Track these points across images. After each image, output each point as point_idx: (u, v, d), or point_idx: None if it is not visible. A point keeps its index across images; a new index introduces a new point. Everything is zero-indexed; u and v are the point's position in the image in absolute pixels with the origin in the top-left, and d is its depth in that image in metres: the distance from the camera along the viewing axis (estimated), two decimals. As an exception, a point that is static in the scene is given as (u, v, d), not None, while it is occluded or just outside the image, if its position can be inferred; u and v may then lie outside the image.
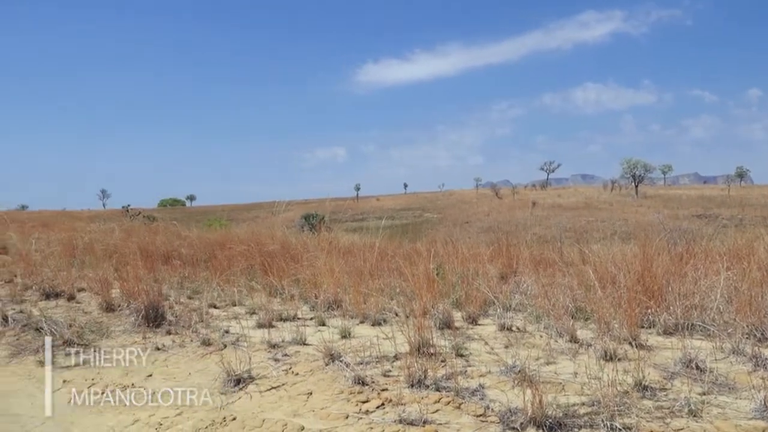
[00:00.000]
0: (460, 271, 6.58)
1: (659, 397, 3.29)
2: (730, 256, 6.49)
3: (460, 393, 3.48)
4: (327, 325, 5.32)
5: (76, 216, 31.35)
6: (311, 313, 5.87)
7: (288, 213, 32.84)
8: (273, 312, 5.55)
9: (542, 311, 5.07)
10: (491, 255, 7.81)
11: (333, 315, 5.70)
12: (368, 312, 5.45)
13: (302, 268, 6.94)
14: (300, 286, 6.61)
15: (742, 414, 3.02)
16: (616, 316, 4.46)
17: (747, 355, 3.84)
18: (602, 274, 5.48)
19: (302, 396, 3.67)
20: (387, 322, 5.33)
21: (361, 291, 5.76)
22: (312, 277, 6.55)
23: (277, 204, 13.29)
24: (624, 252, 6.66)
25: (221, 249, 8.74)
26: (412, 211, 67.73)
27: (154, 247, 9.37)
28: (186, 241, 10.08)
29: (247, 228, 12.61)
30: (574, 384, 3.57)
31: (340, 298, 5.98)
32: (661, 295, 4.92)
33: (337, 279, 6.27)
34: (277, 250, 8.16)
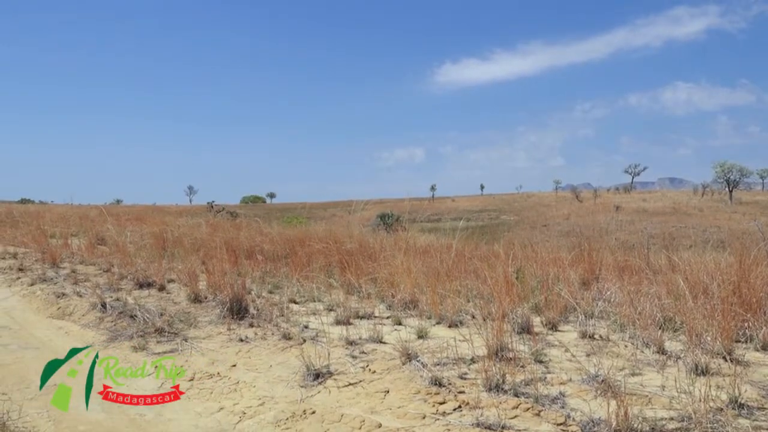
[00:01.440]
0: (540, 275, 6.43)
1: (757, 417, 3.08)
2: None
3: (540, 400, 3.41)
4: (403, 325, 5.35)
5: (165, 210, 33.13)
6: (388, 312, 5.92)
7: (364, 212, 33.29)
8: (351, 309, 5.64)
9: (627, 320, 4.87)
10: (572, 260, 7.58)
11: (409, 315, 5.72)
12: (445, 313, 5.43)
13: (379, 267, 7.01)
14: (377, 285, 6.68)
15: None
16: (709, 328, 4.22)
17: None
18: (693, 284, 5.21)
19: (379, 394, 3.70)
20: (464, 324, 5.29)
21: (438, 292, 5.75)
22: (389, 276, 6.60)
23: (354, 203, 13.47)
24: (717, 261, 6.29)
25: (301, 246, 8.97)
26: (488, 212, 66.81)
27: (238, 242, 9.75)
28: (267, 237, 10.42)
29: (325, 226, 12.87)
30: (662, 397, 3.41)
31: (417, 298, 5.99)
32: (760, 308, 4.61)
33: (414, 279, 6.28)
34: (355, 248, 8.28)
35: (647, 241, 9.26)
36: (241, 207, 66.38)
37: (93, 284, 7.12)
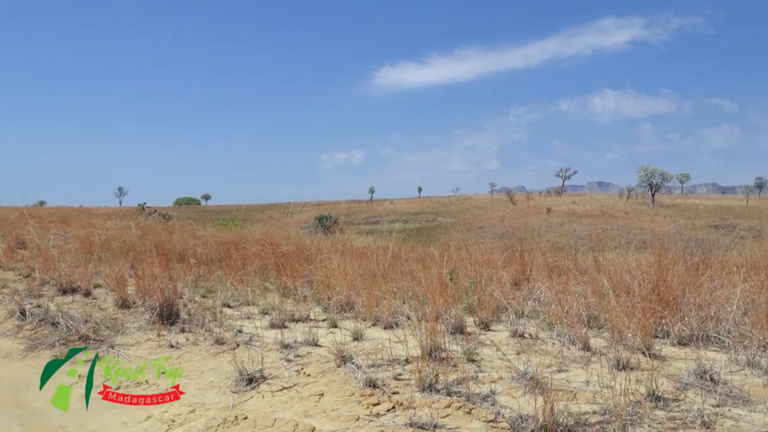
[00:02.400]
0: (473, 276, 6.57)
1: (672, 408, 3.26)
2: (747, 267, 6.43)
3: (471, 398, 3.48)
4: (339, 327, 5.34)
5: (93, 213, 31.76)
6: (324, 314, 5.90)
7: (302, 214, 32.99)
8: (286, 312, 5.59)
9: (555, 318, 5.05)
10: (505, 261, 7.79)
11: (345, 317, 5.72)
12: (381, 315, 5.46)
13: (316, 269, 6.98)
14: (313, 288, 6.65)
15: (755, 427, 3.00)
16: (630, 325, 4.43)
17: (762, 368, 3.80)
18: (617, 283, 5.46)
19: (314, 397, 3.69)
20: (399, 325, 5.34)
21: (374, 294, 5.78)
22: (325, 278, 6.58)
23: (292, 205, 13.35)
24: (639, 261, 6.61)
25: (236, 249, 8.81)
26: (426, 215, 67.64)
27: (170, 245, 9.47)
28: (201, 240, 10.16)
29: (262, 228, 12.69)
30: (586, 392, 3.55)
31: (353, 300, 6.00)
32: (676, 305, 4.88)
33: (350, 281, 6.29)
34: (291, 251, 8.21)
35: (576, 242, 9.64)
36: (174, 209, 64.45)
37: (11, 290, 6.74)
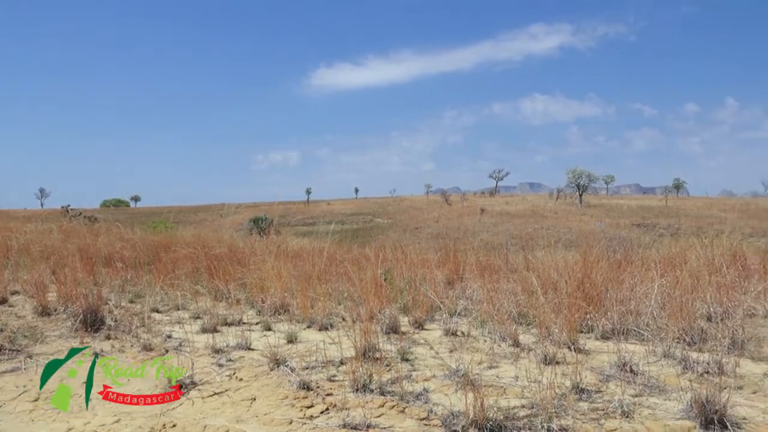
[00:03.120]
0: (408, 276, 6.64)
1: (594, 399, 3.41)
2: (664, 264, 6.80)
3: (405, 397, 3.52)
4: (273, 330, 5.27)
5: (11, 215, 29.96)
6: (257, 317, 5.81)
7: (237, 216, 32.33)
8: (218, 316, 5.47)
9: (487, 316, 5.17)
10: (439, 261, 7.91)
11: (280, 320, 5.65)
12: (315, 317, 5.43)
13: (249, 271, 6.86)
14: (246, 291, 6.53)
15: (670, 414, 3.17)
16: (557, 321, 4.60)
17: (677, 358, 4.02)
18: (545, 281, 5.64)
19: (246, 401, 3.62)
20: (334, 326, 5.33)
21: (309, 295, 5.74)
22: (259, 281, 6.48)
23: (225, 206, 13.05)
24: (566, 259, 6.87)
25: (166, 252, 8.54)
26: (363, 216, 67.78)
27: (95, 248, 9.08)
28: (129, 243, 9.80)
29: (194, 230, 12.36)
30: (515, 387, 3.66)
31: (288, 302, 5.94)
32: (600, 301, 5.10)
33: (285, 283, 6.22)
34: (224, 253, 8.04)
35: (507, 241, 9.91)
36: (101, 211, 61.82)
37: None
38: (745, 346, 4.29)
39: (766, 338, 4.50)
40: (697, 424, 2.99)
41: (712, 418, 2.97)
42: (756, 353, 4.19)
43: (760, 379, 3.70)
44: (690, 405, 3.11)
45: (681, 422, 3.06)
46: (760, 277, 5.82)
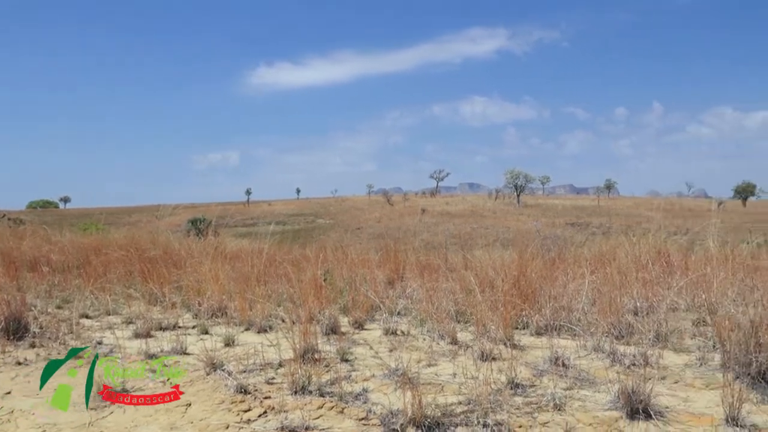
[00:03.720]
0: (349, 276, 6.63)
1: (529, 393, 3.51)
2: (595, 261, 7.06)
3: (344, 397, 3.51)
4: (210, 334, 5.16)
5: (-74, 218, 28.06)
6: (194, 321, 5.67)
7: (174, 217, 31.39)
8: (152, 321, 5.30)
9: (426, 315, 5.23)
10: (380, 261, 7.95)
11: (217, 323, 5.53)
12: (254, 319, 5.35)
13: (186, 274, 6.68)
14: (182, 294, 6.36)
15: (599, 406, 3.30)
16: (494, 318, 4.70)
17: (606, 351, 4.19)
18: (482, 279, 5.76)
19: (180, 408, 3.53)
20: (273, 328, 5.26)
21: (247, 297, 5.65)
22: (195, 283, 6.32)
23: (161, 208, 12.67)
24: (503, 258, 7.03)
25: (96, 255, 8.22)
26: (305, 216, 67.25)
27: (19, 252, 8.63)
28: (57, 246, 9.36)
29: (127, 232, 11.94)
30: (453, 384, 3.72)
31: (225, 305, 5.82)
32: (535, 298, 5.25)
33: (222, 285, 6.10)
34: (159, 255, 7.80)
35: (447, 241, 10.06)
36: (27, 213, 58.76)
37: None
38: (669, 339, 4.50)
39: (687, 330, 4.75)
40: (624, 414, 3.13)
41: (637, 407, 3.11)
42: (678, 345, 4.41)
43: (681, 369, 3.89)
44: (617, 396, 3.24)
45: (609, 413, 3.19)
46: (682, 272, 6.13)
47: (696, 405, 3.28)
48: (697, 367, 3.92)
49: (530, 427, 3.07)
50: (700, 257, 7.02)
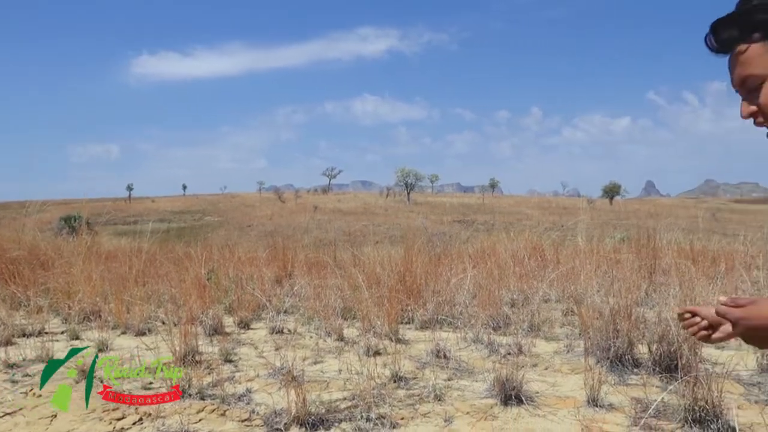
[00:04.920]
0: (235, 275, 6.46)
1: (411, 386, 3.60)
2: (477, 256, 7.40)
3: (226, 399, 3.42)
4: (81, 339, 4.83)
5: None
6: (63, 326, 5.27)
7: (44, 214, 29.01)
8: (14, 327, 4.87)
9: (313, 312, 5.22)
10: (267, 258, 7.82)
11: (89, 327, 5.17)
12: (132, 322, 5.06)
13: (54, 275, 6.19)
14: (50, 297, 5.88)
15: (477, 394, 3.46)
16: (379, 314, 4.78)
17: (484, 342, 4.40)
18: (370, 275, 5.84)
19: (44, 420, 3.27)
20: (153, 331, 5.01)
21: (125, 299, 5.34)
22: (65, 285, 5.88)
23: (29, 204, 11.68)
24: (391, 254, 7.16)
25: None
26: (192, 214, 64.62)
27: None
28: None
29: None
30: (338, 380, 3.74)
31: (99, 308, 5.46)
32: (419, 293, 5.40)
33: (96, 287, 5.72)
34: (23, 256, 7.16)
35: (336, 238, 10.10)
36: None
37: None
38: (541, 328, 4.82)
39: (557, 320, 5.10)
40: (498, 401, 3.30)
41: (510, 394, 3.30)
42: (549, 334, 4.73)
43: (551, 356, 4.18)
44: (493, 384, 3.42)
45: (485, 401, 3.35)
46: (554, 266, 6.56)
47: (563, 389, 3.54)
48: (564, 354, 4.23)
49: (411, 418, 3.16)
50: (570, 251, 7.56)
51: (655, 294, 5.39)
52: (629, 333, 3.81)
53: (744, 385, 3.48)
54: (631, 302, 4.12)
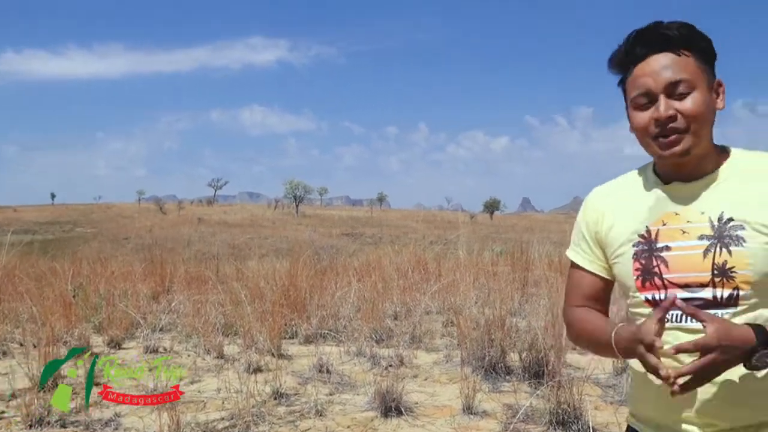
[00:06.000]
0: (106, 291, 6.05)
1: (293, 402, 3.56)
2: (363, 270, 7.48)
3: (91, 426, 3.19)
4: None
5: None
6: None
7: None
8: None
9: (192, 329, 5.01)
10: (144, 273, 7.41)
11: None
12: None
13: None
14: None
15: (358, 408, 3.48)
16: (262, 329, 4.68)
17: (367, 355, 4.44)
18: (253, 289, 5.71)
19: None
20: (9, 354, 4.56)
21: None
22: None
23: None
24: (276, 268, 7.06)
25: None
26: (61, 224, 59.78)
27: None
28: None
29: None
30: (217, 400, 3.61)
31: (-57, 330, 4.89)
32: (304, 307, 5.36)
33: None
34: None
35: (219, 252, 9.79)
36: None
37: None
38: (422, 340, 4.95)
39: (437, 331, 5.27)
40: (379, 413, 3.34)
41: (390, 406, 3.35)
42: (430, 345, 4.87)
43: (430, 367, 4.30)
44: (373, 397, 3.45)
45: (366, 413, 3.38)
46: (435, 278, 6.78)
47: (440, 398, 3.65)
48: (444, 364, 4.37)
49: (292, 435, 3.12)
50: (451, 264, 7.85)
51: (527, 304, 5.73)
52: (502, 342, 4.02)
53: (602, 387, 3.79)
54: (505, 313, 4.35)
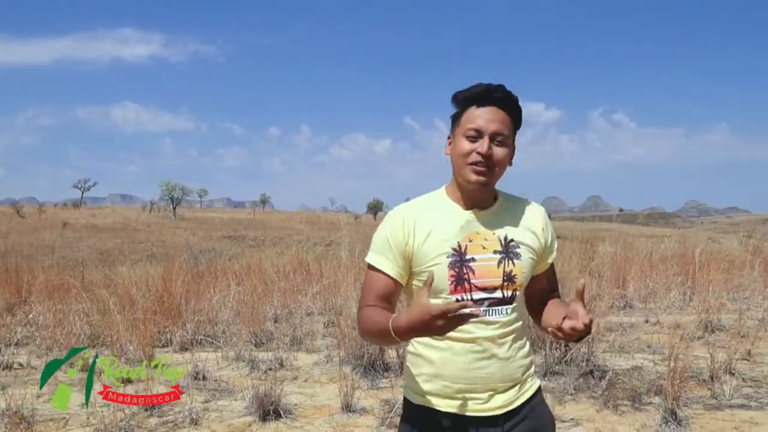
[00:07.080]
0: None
1: (165, 412, 3.42)
2: (243, 273, 7.32)
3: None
4: None
5: None
6: None
7: None
8: None
9: (53, 342, 4.64)
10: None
11: None
12: None
13: None
14: None
15: (235, 413, 3.41)
16: (132, 338, 4.44)
17: (246, 359, 4.36)
18: (123, 297, 5.40)
19: None
20: None
21: None
22: None
23: None
24: (150, 273, 6.71)
25: None
26: None
27: None
28: None
29: None
30: (81, 416, 3.39)
31: None
32: (179, 313, 5.14)
33: None
34: None
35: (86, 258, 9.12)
36: None
37: None
38: (303, 341, 4.94)
39: (319, 332, 5.28)
40: (257, 418, 3.30)
41: (269, 409, 3.32)
42: (311, 346, 4.87)
43: (311, 368, 4.31)
44: (251, 401, 3.41)
45: (243, 419, 3.32)
46: (317, 280, 6.79)
47: (320, 398, 3.67)
48: (324, 365, 4.39)
49: (164, 446, 3.00)
50: (333, 265, 7.89)
51: (406, 302, 5.90)
52: (381, 339, 4.11)
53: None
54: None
